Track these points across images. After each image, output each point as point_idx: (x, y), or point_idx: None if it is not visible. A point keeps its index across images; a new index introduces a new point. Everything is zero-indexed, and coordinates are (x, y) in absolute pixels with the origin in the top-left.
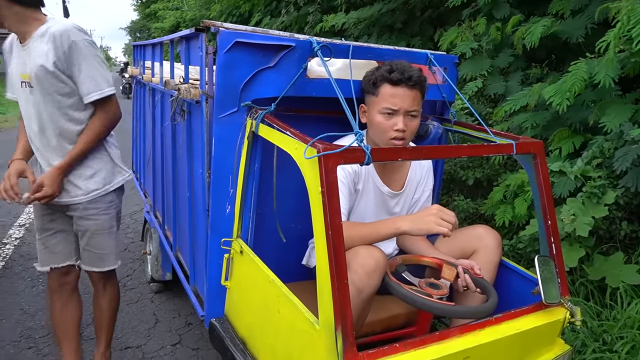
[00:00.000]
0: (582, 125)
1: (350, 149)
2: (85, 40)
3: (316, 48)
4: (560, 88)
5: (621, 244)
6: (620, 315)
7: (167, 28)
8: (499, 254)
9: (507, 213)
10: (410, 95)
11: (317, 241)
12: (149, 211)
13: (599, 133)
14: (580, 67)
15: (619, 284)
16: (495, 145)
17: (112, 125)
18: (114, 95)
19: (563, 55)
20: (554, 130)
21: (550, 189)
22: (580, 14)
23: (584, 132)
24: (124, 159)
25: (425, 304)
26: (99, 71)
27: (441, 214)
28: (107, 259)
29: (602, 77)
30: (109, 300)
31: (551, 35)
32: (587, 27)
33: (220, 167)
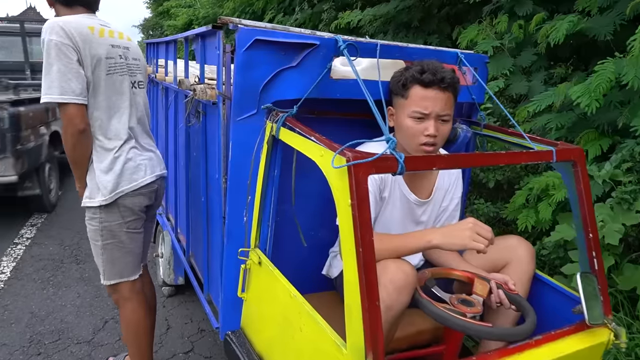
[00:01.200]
0: (610, 127)
1: (382, 157)
2: (49, 41)
3: (342, 47)
4: (588, 88)
5: None
6: None
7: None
8: (532, 267)
9: (530, 217)
10: (442, 98)
11: (345, 257)
12: (161, 213)
13: (627, 135)
14: (608, 67)
15: None
16: (535, 153)
17: (68, 138)
18: (68, 105)
19: (588, 54)
20: (580, 132)
21: (591, 199)
22: (609, 11)
23: (612, 134)
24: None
25: (459, 324)
26: (47, 75)
27: (477, 229)
28: (100, 271)
29: (631, 77)
30: (121, 318)
31: (576, 34)
32: (616, 24)
33: (237, 172)
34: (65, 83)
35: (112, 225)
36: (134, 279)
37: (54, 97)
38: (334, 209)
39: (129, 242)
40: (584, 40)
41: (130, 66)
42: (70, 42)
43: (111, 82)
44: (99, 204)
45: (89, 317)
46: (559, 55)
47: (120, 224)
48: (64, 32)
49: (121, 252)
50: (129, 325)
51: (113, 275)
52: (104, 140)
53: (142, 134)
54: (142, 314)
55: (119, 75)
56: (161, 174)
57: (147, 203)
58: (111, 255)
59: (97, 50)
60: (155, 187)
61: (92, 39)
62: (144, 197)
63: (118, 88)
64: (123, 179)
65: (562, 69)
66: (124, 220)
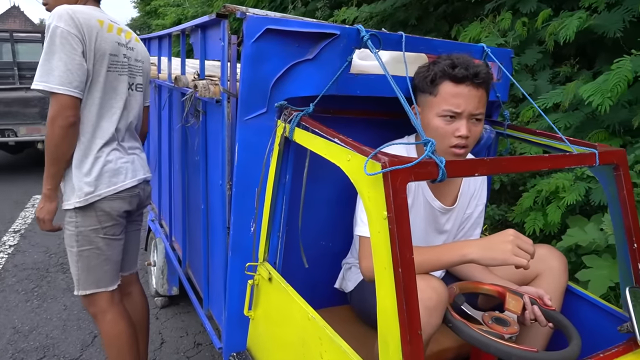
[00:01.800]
0: (621, 127)
1: (422, 162)
2: (55, 27)
3: (365, 37)
4: (600, 87)
5: None
6: None
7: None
8: (565, 279)
9: (538, 221)
10: (476, 95)
11: (379, 279)
12: (153, 219)
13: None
14: (625, 65)
15: None
16: (576, 156)
17: (56, 131)
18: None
19: (594, 52)
20: (589, 132)
21: (634, 205)
22: (617, 7)
23: (623, 134)
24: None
25: (502, 350)
26: (47, 62)
27: (518, 242)
28: (75, 281)
29: None
30: (100, 333)
31: (582, 31)
32: (626, 21)
33: (244, 178)
34: (65, 74)
35: (87, 230)
36: (112, 290)
37: (50, 86)
38: (346, 217)
39: (106, 249)
40: (589, 38)
41: (132, 67)
42: (78, 33)
43: (110, 80)
44: (73, 207)
45: (77, 332)
46: (563, 53)
47: (96, 230)
48: (72, 21)
49: (98, 259)
50: (109, 341)
51: (88, 285)
52: (89, 139)
53: (128, 136)
54: (122, 327)
55: (118, 74)
56: (144, 177)
57: (127, 208)
58: (87, 262)
59: (103, 45)
60: (137, 192)
61: (100, 32)
62: (124, 201)
63: (115, 87)
64: (101, 182)
65: (568, 67)
66: (101, 225)
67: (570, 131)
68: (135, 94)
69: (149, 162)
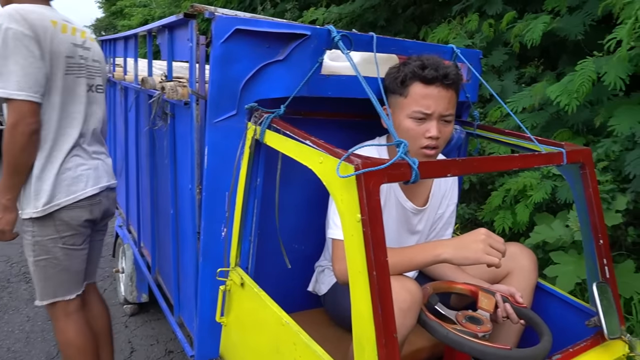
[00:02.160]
0: (584, 126)
1: (395, 164)
2: (7, 29)
3: (336, 38)
4: (566, 88)
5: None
6: (637, 328)
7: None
8: (535, 276)
9: (507, 219)
10: (445, 96)
11: (353, 282)
12: (121, 225)
13: (600, 134)
14: (588, 66)
15: (632, 294)
16: (545, 155)
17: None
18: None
19: (557, 54)
20: (554, 131)
21: (600, 203)
22: (578, 11)
23: (586, 133)
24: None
25: (477, 349)
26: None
27: (490, 241)
28: (36, 290)
29: (611, 77)
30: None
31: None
32: (586, 24)
33: (214, 181)
34: (24, 78)
35: (44, 240)
36: (70, 299)
37: (8, 92)
38: (318, 220)
39: (65, 259)
40: (553, 40)
41: (90, 68)
42: (32, 34)
43: (68, 84)
44: (29, 217)
45: (41, 344)
46: (528, 54)
47: (54, 239)
48: (25, 22)
49: (55, 269)
50: (64, 351)
51: (46, 295)
52: (51, 145)
53: (92, 141)
54: (73, 337)
55: (76, 77)
56: (107, 185)
57: (89, 217)
58: (44, 272)
59: (59, 47)
60: (99, 200)
61: (54, 33)
62: (84, 210)
63: (74, 90)
64: (59, 191)
65: (533, 68)
66: (60, 235)
67: (536, 130)
68: (96, 96)
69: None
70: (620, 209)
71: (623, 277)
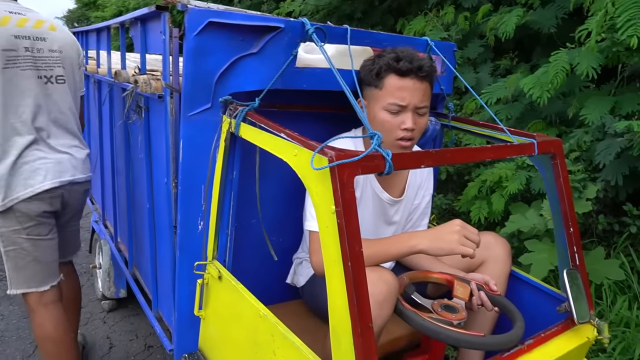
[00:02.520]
0: (557, 117)
1: (369, 156)
2: None
3: (310, 30)
4: (539, 80)
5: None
6: (607, 313)
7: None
8: (509, 264)
9: (483, 209)
10: (420, 88)
11: (329, 273)
12: (97, 220)
13: (572, 125)
14: (561, 58)
15: (603, 280)
16: (517, 146)
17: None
18: None
19: (531, 46)
20: (528, 123)
21: (571, 192)
22: (550, 4)
23: (558, 124)
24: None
25: (452, 336)
26: None
27: (465, 232)
28: (7, 279)
29: (584, 67)
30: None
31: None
32: (558, 17)
33: (189, 175)
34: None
35: (9, 231)
36: (44, 290)
37: None
38: (296, 212)
39: (33, 250)
40: (526, 33)
41: (44, 59)
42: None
43: (9, 77)
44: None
45: (16, 342)
46: (503, 47)
47: (17, 230)
48: None
49: (25, 260)
50: (41, 346)
51: (19, 284)
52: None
53: (57, 133)
54: (50, 329)
55: (20, 70)
56: (70, 179)
57: (48, 209)
58: (15, 263)
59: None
60: (60, 193)
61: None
62: (43, 202)
63: (18, 84)
64: (17, 184)
65: (507, 60)
66: (22, 226)
67: (511, 122)
68: (56, 87)
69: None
70: (591, 198)
71: (594, 263)
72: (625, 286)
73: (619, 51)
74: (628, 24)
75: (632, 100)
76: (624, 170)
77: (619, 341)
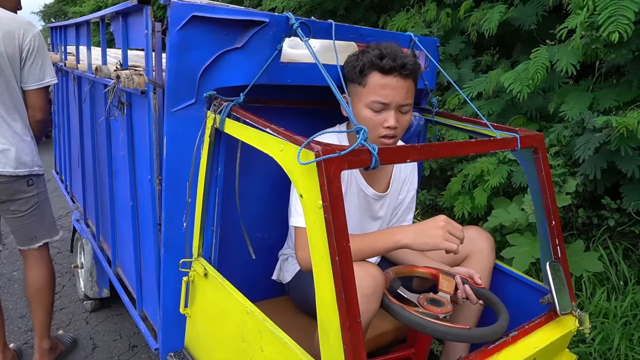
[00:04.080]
0: (538, 113)
1: (355, 150)
2: None
3: (295, 25)
4: (519, 76)
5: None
6: (586, 304)
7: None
8: (493, 258)
9: (466, 204)
10: (403, 86)
11: (316, 268)
12: (78, 219)
13: (552, 121)
14: (542, 54)
15: (582, 272)
16: (500, 140)
17: None
18: None
19: (512, 42)
20: (509, 118)
21: (552, 186)
22: (530, 1)
23: (539, 119)
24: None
25: (438, 330)
26: None
27: (449, 227)
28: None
29: (563, 64)
30: None
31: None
32: (538, 14)
33: (174, 171)
34: None
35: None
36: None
37: None
38: (281, 208)
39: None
40: (507, 30)
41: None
42: None
43: None
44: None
45: None
46: (484, 43)
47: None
48: None
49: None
50: None
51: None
52: None
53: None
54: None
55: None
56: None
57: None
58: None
59: None
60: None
61: None
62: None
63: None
64: None
65: (489, 56)
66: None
67: (493, 117)
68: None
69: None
70: (571, 192)
71: (574, 256)
72: (604, 278)
73: (598, 48)
74: (609, 20)
75: (609, 96)
76: (602, 165)
77: (598, 332)
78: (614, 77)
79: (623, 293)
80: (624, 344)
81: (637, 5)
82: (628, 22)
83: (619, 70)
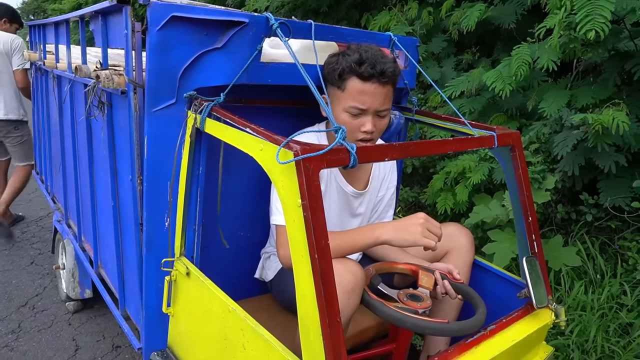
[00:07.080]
0: (518, 111)
1: (334, 149)
2: None
3: (274, 25)
4: (501, 74)
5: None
6: (565, 298)
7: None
8: (472, 254)
9: (448, 201)
10: (381, 92)
11: (296, 266)
12: (59, 220)
13: (532, 118)
14: (523, 51)
15: (561, 267)
16: (478, 138)
17: None
18: None
19: (492, 41)
20: (490, 116)
21: (529, 183)
22: (510, 1)
23: (519, 117)
24: None
25: (418, 324)
26: None
27: (428, 225)
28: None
29: (544, 61)
30: None
31: (482, 22)
32: (518, 14)
33: (155, 171)
34: None
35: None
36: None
37: None
38: (263, 207)
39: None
40: (488, 29)
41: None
42: None
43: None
44: None
45: None
46: (466, 42)
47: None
48: None
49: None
50: None
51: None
52: None
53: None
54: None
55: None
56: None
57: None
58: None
59: None
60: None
61: None
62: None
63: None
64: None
65: (470, 55)
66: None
67: (474, 115)
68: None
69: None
70: (550, 188)
71: (553, 251)
72: (582, 272)
73: (575, 47)
74: (586, 19)
75: (586, 94)
76: (580, 161)
77: (576, 324)
78: (591, 75)
79: (600, 286)
80: (600, 335)
81: (613, 5)
82: (604, 20)
83: (596, 68)
